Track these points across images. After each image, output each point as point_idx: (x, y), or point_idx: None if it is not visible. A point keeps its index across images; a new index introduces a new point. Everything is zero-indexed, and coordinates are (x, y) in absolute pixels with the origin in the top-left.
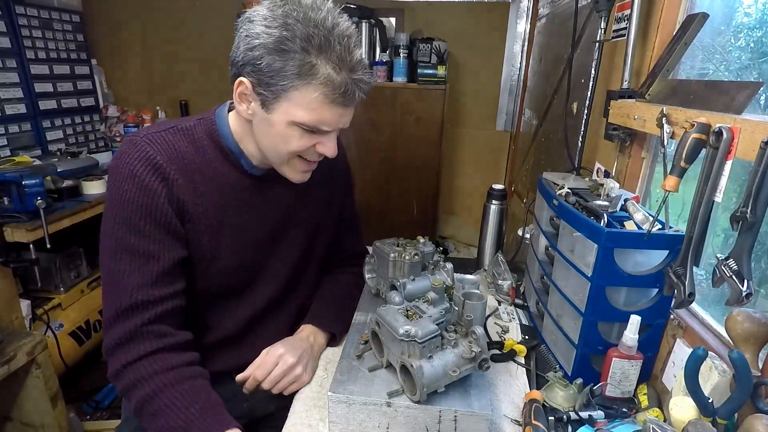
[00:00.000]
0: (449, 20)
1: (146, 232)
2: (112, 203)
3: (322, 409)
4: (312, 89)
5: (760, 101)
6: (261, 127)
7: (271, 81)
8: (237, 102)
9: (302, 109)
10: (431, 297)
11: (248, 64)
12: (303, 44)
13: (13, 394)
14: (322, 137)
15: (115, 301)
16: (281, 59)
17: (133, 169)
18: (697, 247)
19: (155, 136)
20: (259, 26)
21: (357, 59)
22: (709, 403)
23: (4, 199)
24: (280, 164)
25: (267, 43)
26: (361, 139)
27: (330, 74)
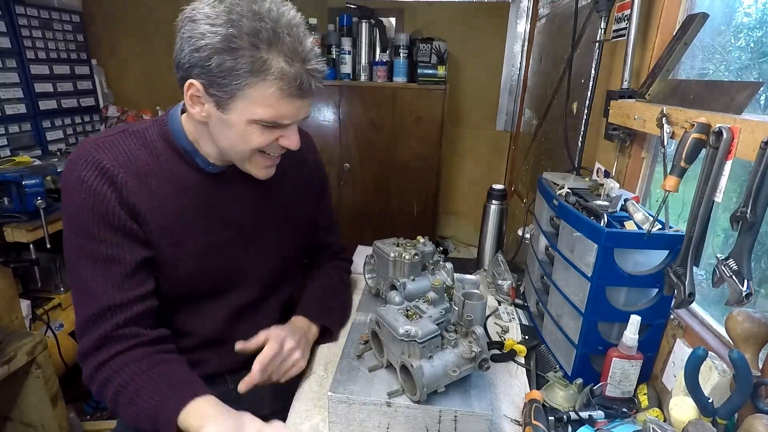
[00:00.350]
0: (449, 20)
1: (102, 237)
2: (67, 212)
3: (322, 409)
4: (267, 85)
5: (760, 101)
6: (218, 128)
7: (223, 81)
8: (189, 105)
9: (259, 106)
10: (431, 297)
11: (196, 66)
12: (251, 40)
13: (13, 394)
14: (284, 131)
15: (84, 308)
16: (231, 58)
17: (81, 176)
18: (697, 247)
19: (103, 141)
20: (203, 26)
21: (308, 48)
22: (709, 403)
23: (4, 199)
24: (242, 162)
25: (214, 42)
26: (361, 139)
27: (283, 68)
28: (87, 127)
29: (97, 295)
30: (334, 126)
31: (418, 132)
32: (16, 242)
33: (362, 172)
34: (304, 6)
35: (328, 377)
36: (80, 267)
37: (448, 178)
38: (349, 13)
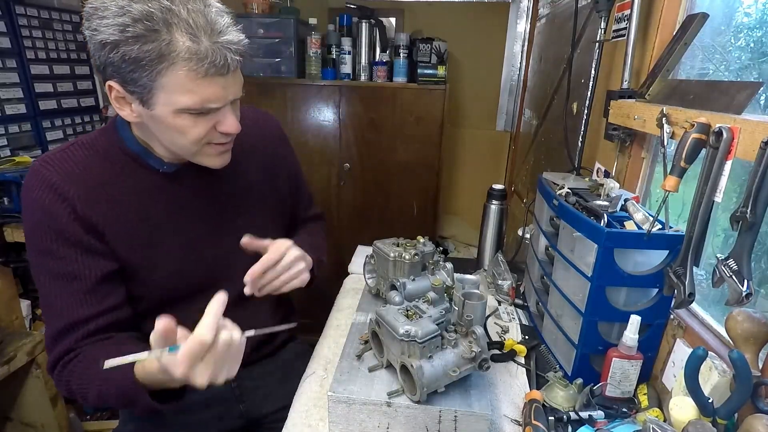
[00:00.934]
0: (449, 20)
1: (61, 255)
2: (26, 231)
3: (322, 409)
4: (177, 69)
5: (760, 101)
6: (152, 125)
7: (134, 75)
8: (117, 108)
9: (180, 94)
10: (431, 297)
11: (106, 65)
12: (146, 25)
13: (13, 394)
14: (217, 115)
15: (50, 324)
16: (132, 48)
17: (33, 196)
18: (697, 247)
19: (52, 157)
20: (95, 21)
21: (213, 20)
22: (709, 403)
23: (4, 199)
24: (192, 156)
25: (109, 36)
26: (361, 139)
27: (190, 47)
28: (87, 127)
29: (60, 313)
30: (334, 126)
31: (418, 132)
32: (16, 242)
33: (362, 172)
34: (304, 6)
35: (328, 377)
36: (43, 284)
37: (448, 178)
38: (349, 13)
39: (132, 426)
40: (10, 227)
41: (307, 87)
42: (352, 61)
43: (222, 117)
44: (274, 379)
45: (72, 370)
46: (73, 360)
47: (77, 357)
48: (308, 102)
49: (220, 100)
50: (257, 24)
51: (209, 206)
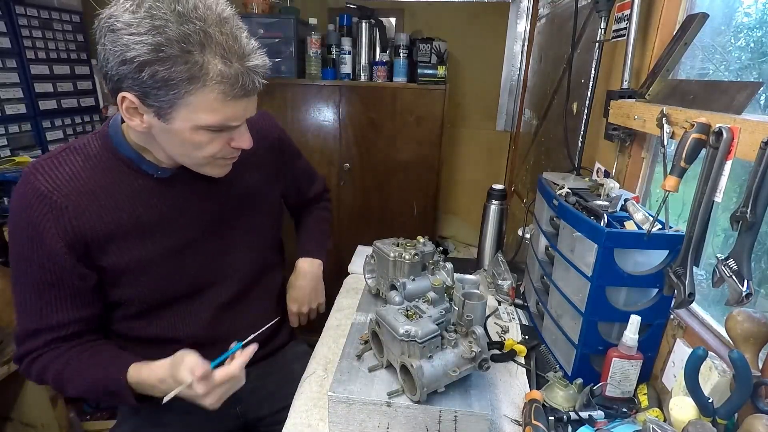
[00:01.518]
0: (449, 20)
1: (40, 263)
2: (10, 233)
3: (322, 409)
4: (208, 91)
5: (760, 101)
6: (164, 137)
7: (159, 92)
8: (127, 118)
9: (203, 113)
10: (431, 297)
11: (126, 78)
12: (182, 46)
13: (13, 394)
14: (233, 132)
15: (21, 321)
16: (164, 68)
17: (22, 203)
18: (697, 247)
19: (43, 163)
20: (125, 36)
21: (244, 44)
22: (709, 403)
23: (4, 199)
24: (198, 168)
25: (141, 54)
26: (361, 139)
27: (222, 70)
28: (87, 127)
29: (33, 316)
30: (334, 126)
31: (418, 132)
32: None
33: (362, 172)
34: (304, 6)
35: (328, 377)
36: (20, 285)
37: (448, 178)
38: (349, 13)
39: (129, 426)
40: None
41: (307, 87)
42: (352, 61)
43: (237, 134)
44: (272, 380)
45: (46, 366)
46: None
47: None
48: (308, 102)
49: (239, 119)
50: (257, 24)
51: (203, 209)
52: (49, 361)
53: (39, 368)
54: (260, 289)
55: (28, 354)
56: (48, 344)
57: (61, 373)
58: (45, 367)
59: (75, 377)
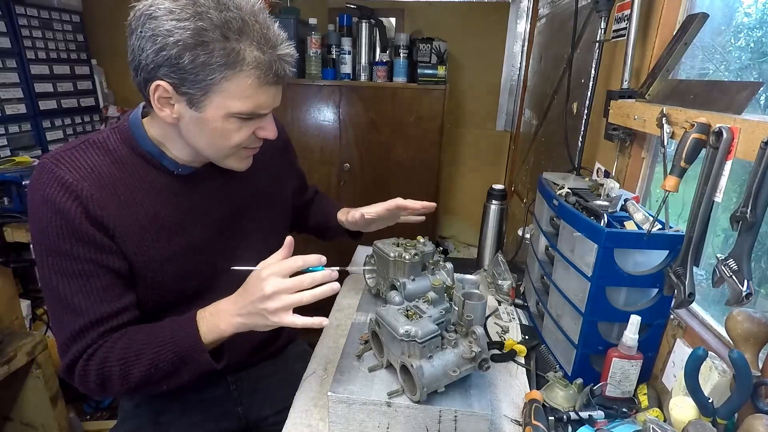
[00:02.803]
0: (449, 20)
1: (75, 254)
2: (35, 232)
3: (322, 409)
4: (245, 76)
5: (760, 101)
6: (192, 127)
7: (197, 78)
8: (158, 108)
9: (237, 99)
10: (431, 297)
11: (163, 65)
12: (223, 31)
13: (13, 394)
14: (261, 121)
15: (67, 325)
16: (204, 52)
17: (44, 194)
18: (697, 247)
19: (63, 155)
20: (168, 22)
21: (277, 34)
22: (709, 403)
23: (4, 199)
24: (223, 159)
25: (184, 38)
26: (361, 139)
27: (258, 56)
28: (87, 127)
29: (81, 311)
30: (334, 126)
31: (418, 132)
32: (16, 242)
33: (362, 172)
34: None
35: (328, 377)
36: (57, 285)
37: (448, 178)
38: (349, 13)
39: (129, 426)
40: (10, 227)
41: (307, 87)
42: (352, 61)
43: (265, 123)
44: (273, 381)
45: (107, 356)
46: (100, 349)
47: (107, 344)
48: (308, 102)
49: (268, 107)
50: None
51: (218, 209)
52: (106, 351)
53: (98, 363)
54: None
55: (80, 355)
56: (99, 339)
57: (125, 357)
58: (105, 359)
59: (141, 353)
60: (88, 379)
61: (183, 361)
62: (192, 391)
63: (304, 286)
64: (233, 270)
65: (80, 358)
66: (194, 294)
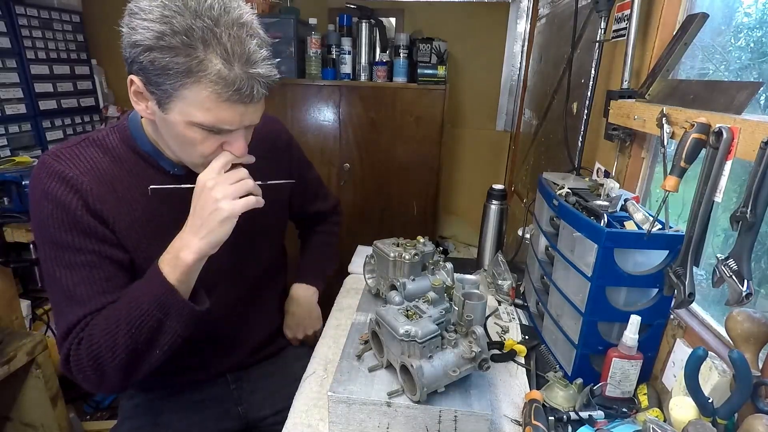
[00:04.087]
0: (449, 20)
1: (77, 246)
2: (36, 226)
3: (322, 409)
4: (201, 88)
5: (760, 101)
6: (163, 127)
7: (158, 79)
8: (134, 102)
9: (196, 109)
10: (431, 297)
11: (134, 61)
12: (184, 40)
13: (13, 394)
14: (228, 136)
15: (69, 314)
16: (164, 56)
17: (45, 188)
18: (697, 247)
19: (63, 152)
20: (137, 20)
21: (251, 50)
22: (709, 403)
23: (4, 199)
24: (195, 167)
25: (146, 38)
26: (361, 139)
27: (220, 70)
28: (87, 127)
29: (84, 301)
30: (334, 126)
31: (418, 132)
32: (16, 242)
33: (362, 172)
34: (304, 6)
35: (328, 377)
36: (60, 277)
37: (448, 178)
38: (349, 13)
39: (129, 426)
40: (10, 227)
41: (307, 87)
42: (352, 61)
43: (232, 139)
44: (273, 381)
45: (92, 333)
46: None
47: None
48: (308, 102)
49: (234, 124)
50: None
51: None
52: (91, 330)
53: (87, 344)
54: (266, 291)
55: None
56: None
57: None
58: (91, 336)
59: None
60: (82, 365)
61: (160, 309)
62: (192, 391)
63: (242, 176)
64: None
65: (73, 345)
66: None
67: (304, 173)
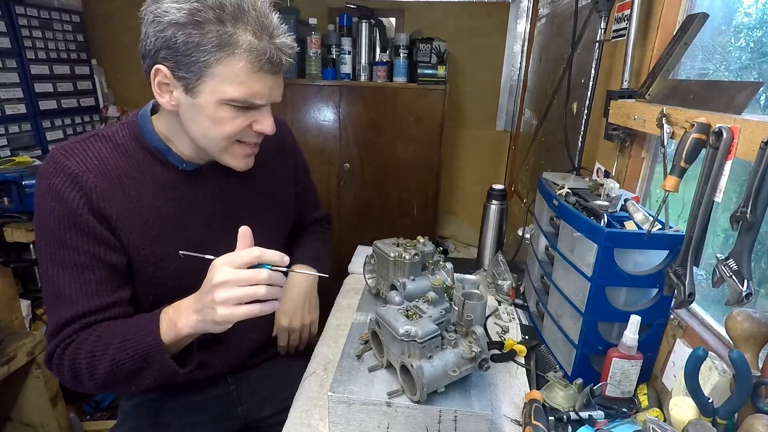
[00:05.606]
0: (449, 20)
1: (73, 245)
2: (38, 219)
3: (322, 409)
4: (236, 59)
5: (760, 101)
6: (189, 115)
7: (190, 60)
8: (157, 94)
9: (230, 84)
10: (431, 297)
11: (162, 48)
12: (217, 13)
13: (13, 394)
14: (257, 114)
15: (57, 314)
16: (198, 32)
17: (50, 183)
18: (697, 247)
19: (72, 146)
20: (166, 4)
21: (275, 23)
22: (709, 403)
23: (4, 199)
24: (219, 153)
25: (179, 18)
26: (361, 139)
27: (252, 41)
28: (87, 127)
29: (71, 302)
30: (334, 126)
31: (418, 132)
32: (16, 242)
33: (362, 172)
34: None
35: (328, 377)
36: (53, 274)
37: (448, 178)
38: (349, 13)
39: (129, 426)
40: (10, 227)
41: (307, 87)
42: (352, 61)
43: (261, 116)
44: (273, 382)
45: (78, 347)
46: (76, 340)
47: (82, 335)
48: (308, 102)
49: (264, 97)
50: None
51: (221, 208)
52: (79, 343)
53: (70, 355)
54: None
55: (59, 345)
56: (80, 331)
57: (93, 350)
58: (77, 350)
59: (107, 348)
60: (62, 370)
61: (144, 359)
62: (192, 391)
63: (258, 281)
64: (182, 255)
65: (59, 346)
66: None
67: (305, 179)
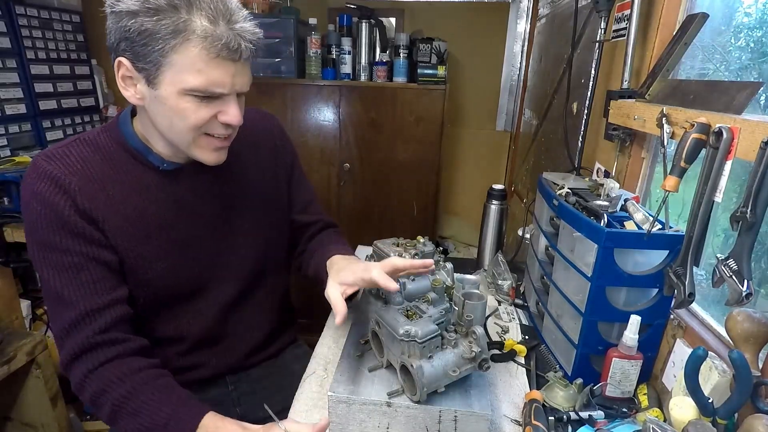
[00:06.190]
0: (449, 20)
1: (65, 247)
2: (27, 226)
3: (322, 409)
4: (191, 45)
5: (760, 101)
6: (154, 108)
7: (147, 49)
8: (122, 88)
9: (188, 73)
10: (431, 297)
11: (121, 39)
12: (170, 0)
13: (13, 394)
14: (221, 104)
15: (60, 318)
16: (150, 20)
17: (34, 189)
18: (697, 247)
19: (54, 152)
20: None
21: (233, 8)
22: (709, 403)
23: (4, 199)
24: (188, 147)
25: (130, 6)
26: (361, 139)
27: (207, 27)
28: (87, 127)
29: (72, 303)
30: (334, 126)
31: (418, 132)
32: (16, 242)
33: (362, 172)
34: (304, 6)
35: (328, 377)
36: (49, 279)
37: (448, 178)
38: (349, 13)
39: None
40: (10, 227)
41: (307, 87)
42: (352, 61)
43: (225, 106)
44: (272, 382)
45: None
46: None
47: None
48: (308, 102)
49: (226, 86)
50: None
51: (207, 206)
52: (108, 382)
53: (97, 388)
54: (265, 289)
55: (76, 355)
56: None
57: (121, 405)
58: (104, 390)
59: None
60: (83, 392)
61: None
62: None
63: None
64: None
65: (78, 358)
66: (187, 294)
67: (301, 174)
